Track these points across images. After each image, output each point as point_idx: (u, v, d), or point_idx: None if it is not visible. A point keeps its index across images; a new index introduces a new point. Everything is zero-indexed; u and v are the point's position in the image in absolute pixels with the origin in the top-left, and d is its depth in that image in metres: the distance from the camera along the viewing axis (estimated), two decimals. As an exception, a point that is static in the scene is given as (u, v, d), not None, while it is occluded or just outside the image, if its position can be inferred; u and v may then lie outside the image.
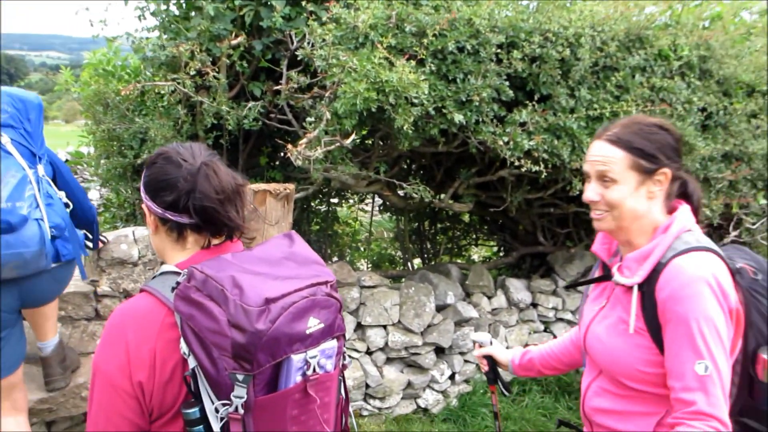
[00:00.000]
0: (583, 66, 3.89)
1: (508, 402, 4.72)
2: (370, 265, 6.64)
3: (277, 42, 4.13)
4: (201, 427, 1.34)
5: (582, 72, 3.93)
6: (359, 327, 4.48)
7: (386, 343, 4.48)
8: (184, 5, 4.34)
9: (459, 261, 6.37)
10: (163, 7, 4.24)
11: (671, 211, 1.77)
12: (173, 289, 1.40)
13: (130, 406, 1.39)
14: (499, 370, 2.41)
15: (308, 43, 3.72)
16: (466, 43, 3.69)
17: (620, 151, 1.72)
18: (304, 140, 3.45)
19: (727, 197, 4.72)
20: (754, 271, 1.77)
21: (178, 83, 3.77)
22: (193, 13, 4.19)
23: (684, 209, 1.75)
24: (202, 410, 1.34)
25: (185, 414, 1.35)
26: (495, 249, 6.97)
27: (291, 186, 3.37)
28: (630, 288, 1.71)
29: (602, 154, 1.74)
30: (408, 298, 4.56)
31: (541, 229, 5.52)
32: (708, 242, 1.68)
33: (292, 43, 3.93)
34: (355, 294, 4.43)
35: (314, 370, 1.37)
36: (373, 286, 4.61)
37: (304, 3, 3.81)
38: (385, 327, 4.51)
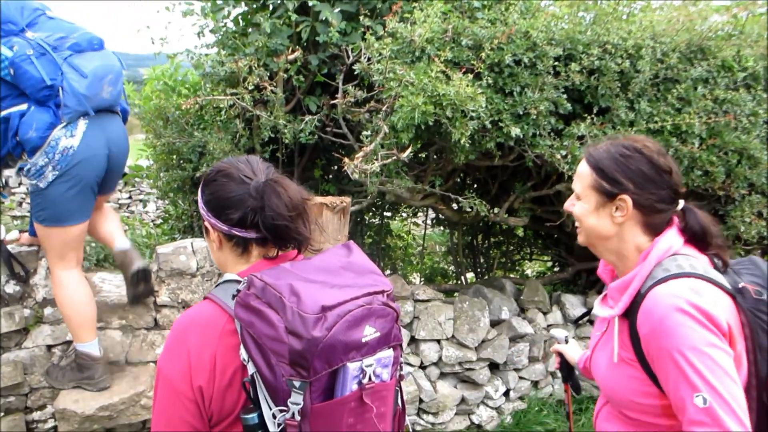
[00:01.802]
0: (643, 78, 3.81)
1: (564, 420, 4.62)
2: (422, 279, 6.62)
3: (333, 56, 4.18)
4: None
5: (642, 84, 3.85)
6: (413, 341, 4.46)
7: (440, 358, 4.44)
8: (242, 22, 4.43)
9: (512, 276, 6.29)
10: (222, 24, 4.34)
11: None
12: (233, 296, 1.42)
13: (190, 410, 1.43)
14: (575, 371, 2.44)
15: (365, 57, 3.74)
16: (523, 56, 3.66)
17: (588, 169, 1.73)
18: (361, 154, 3.46)
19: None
20: (758, 290, 1.65)
21: (237, 98, 3.84)
22: (250, 30, 4.27)
23: (668, 234, 1.67)
24: (261, 416, 1.36)
25: (244, 420, 1.37)
26: (549, 264, 6.87)
27: (347, 199, 3.39)
28: (619, 317, 1.69)
29: (578, 169, 1.78)
30: (462, 313, 4.52)
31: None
32: (694, 265, 1.60)
33: (348, 57, 3.96)
34: (409, 308, 4.42)
35: (370, 378, 1.38)
36: (427, 300, 4.58)
37: (361, 18, 3.84)
38: (438, 341, 4.48)
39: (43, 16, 2.97)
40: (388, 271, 6.18)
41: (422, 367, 4.48)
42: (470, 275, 6.53)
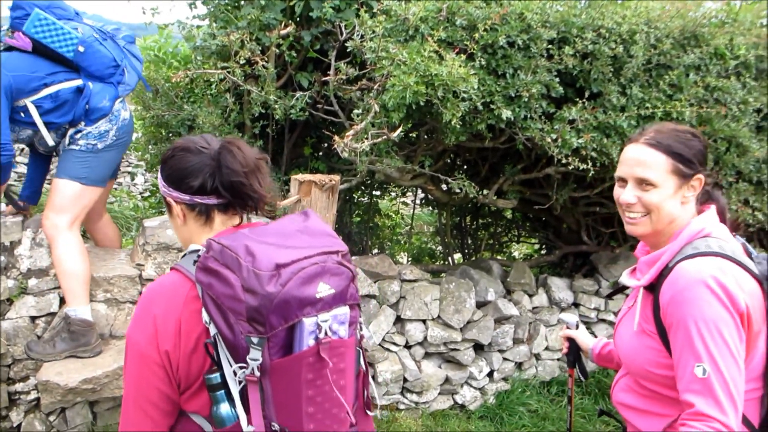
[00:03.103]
0: (635, 63, 3.80)
1: (547, 402, 4.67)
2: (410, 259, 6.63)
3: (326, 33, 4.14)
4: (222, 392, 1.42)
5: (634, 70, 3.84)
6: (399, 320, 4.48)
7: (425, 338, 4.47)
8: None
9: (500, 258, 6.32)
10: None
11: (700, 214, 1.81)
12: (195, 262, 1.49)
13: (159, 376, 1.49)
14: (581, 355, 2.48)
15: (358, 34, 3.71)
16: (517, 38, 3.64)
17: (661, 155, 1.75)
18: (351, 132, 3.44)
19: (780, 201, 4.59)
20: None
21: (228, 72, 3.80)
22: (243, 2, 4.22)
23: (705, 215, 1.78)
24: (223, 375, 1.42)
25: (207, 379, 1.43)
26: (537, 247, 6.90)
27: (336, 177, 3.37)
28: (644, 289, 1.77)
29: (642, 157, 1.77)
30: (448, 294, 4.54)
31: (586, 228, 5.43)
32: (723, 247, 1.68)
33: (342, 34, 3.92)
34: (395, 287, 4.43)
35: (326, 333, 1.43)
36: (414, 280, 4.59)
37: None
38: (424, 321, 4.50)
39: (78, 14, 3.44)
40: (375, 250, 6.18)
41: (407, 346, 4.50)
42: (458, 256, 6.56)
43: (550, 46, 3.70)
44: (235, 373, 1.40)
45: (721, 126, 4.01)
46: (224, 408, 1.43)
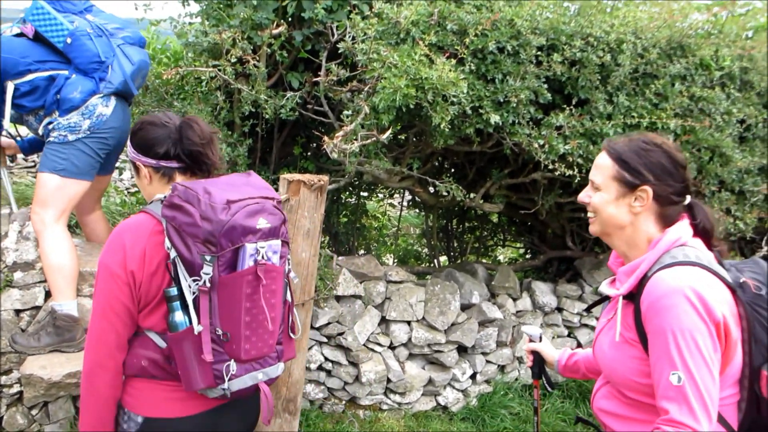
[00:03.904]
0: (623, 72, 3.85)
1: (528, 405, 4.71)
2: (395, 260, 6.66)
3: (317, 33, 4.16)
4: (178, 302, 1.80)
5: (621, 78, 3.89)
6: (383, 321, 4.50)
7: (409, 339, 4.49)
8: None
9: (485, 261, 6.36)
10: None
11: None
12: (161, 202, 1.89)
13: (124, 292, 1.85)
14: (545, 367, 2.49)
15: (349, 36, 3.73)
16: (507, 43, 3.68)
17: (609, 160, 1.82)
18: (341, 133, 3.47)
19: (761, 211, 4.65)
20: (757, 285, 1.76)
21: (219, 70, 3.81)
22: (236, 1, 4.22)
23: (679, 225, 1.79)
24: (179, 289, 1.80)
25: (166, 292, 1.81)
26: (522, 251, 6.95)
27: (325, 178, 3.39)
28: (624, 299, 1.79)
29: (598, 162, 1.86)
30: (433, 296, 4.57)
31: (570, 234, 5.49)
32: (700, 257, 1.71)
33: (333, 35, 3.94)
34: (381, 288, 4.45)
35: (263, 257, 1.82)
36: (400, 282, 4.62)
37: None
38: (409, 323, 4.53)
39: (95, 7, 3.52)
40: (362, 251, 6.20)
41: (392, 347, 4.53)
42: (443, 258, 6.59)
43: (539, 52, 3.75)
44: (190, 286, 1.77)
45: (705, 136, 4.07)
46: (178, 316, 1.80)
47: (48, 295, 3.48)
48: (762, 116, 4.54)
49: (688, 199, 1.83)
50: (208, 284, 1.75)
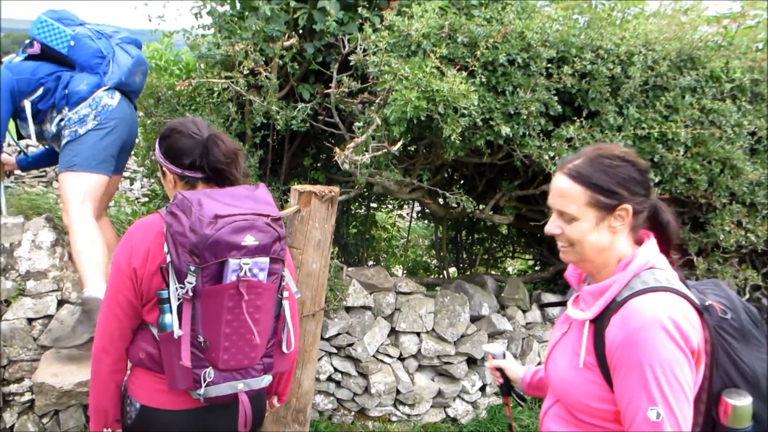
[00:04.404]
0: (633, 84, 3.86)
1: (536, 418, 4.68)
2: (405, 272, 6.65)
3: (328, 45, 4.19)
4: (167, 305, 1.89)
5: (632, 90, 3.90)
6: (393, 332, 4.50)
7: (419, 351, 4.49)
8: (239, 5, 4.42)
9: (494, 273, 6.35)
10: (220, 9, 4.33)
11: (639, 241, 1.74)
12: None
13: (128, 286, 1.98)
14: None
15: (361, 48, 3.76)
16: (517, 56, 3.70)
17: (579, 187, 1.67)
18: (352, 144, 3.48)
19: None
20: (723, 309, 1.69)
21: (231, 81, 3.84)
22: (248, 14, 4.27)
23: (648, 245, 1.71)
24: (170, 292, 1.88)
25: (158, 294, 1.91)
26: (531, 263, 6.93)
27: (336, 189, 3.40)
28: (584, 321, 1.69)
29: (563, 189, 1.70)
30: (443, 307, 4.57)
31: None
32: (670, 280, 1.63)
33: (344, 47, 3.97)
34: (390, 299, 4.46)
35: (246, 273, 1.87)
36: (409, 293, 4.63)
37: (359, 9, 3.86)
38: (418, 334, 4.53)
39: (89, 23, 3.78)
40: (371, 262, 6.21)
41: (401, 358, 4.53)
42: (452, 270, 6.58)
43: (549, 65, 3.76)
44: (177, 291, 1.86)
45: (716, 148, 4.07)
46: (167, 318, 1.89)
47: (60, 304, 3.50)
48: (773, 128, 4.53)
49: (653, 198, 1.74)
50: (190, 293, 1.85)
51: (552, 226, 1.74)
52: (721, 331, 1.66)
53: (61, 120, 3.53)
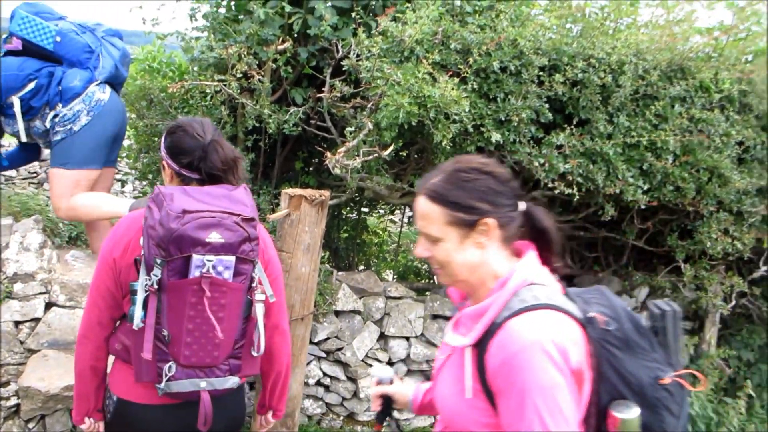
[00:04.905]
0: (623, 93, 3.89)
1: None
2: (395, 276, 6.66)
3: (322, 50, 4.20)
4: (137, 296, 1.90)
5: (622, 99, 3.93)
6: (382, 337, 4.51)
7: (408, 355, 4.50)
8: (234, 8, 4.42)
9: (483, 278, 6.35)
10: (215, 10, 4.33)
11: (519, 254, 1.67)
12: None
13: (110, 276, 2.05)
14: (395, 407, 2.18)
15: (354, 53, 3.77)
16: (510, 63, 3.72)
17: (437, 207, 1.60)
18: (343, 149, 3.49)
19: (759, 231, 4.68)
20: (606, 321, 1.60)
21: (224, 84, 3.85)
22: (242, 17, 4.27)
23: (527, 259, 1.64)
24: (138, 284, 1.91)
25: (130, 285, 1.94)
26: (520, 269, 6.94)
27: (326, 193, 3.41)
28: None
29: (424, 211, 1.64)
30: (433, 312, 4.58)
31: (569, 252, 5.50)
32: (550, 297, 1.55)
33: (338, 52, 3.98)
34: (380, 304, 4.46)
35: (209, 270, 1.88)
36: (399, 297, 4.63)
37: (353, 14, 3.87)
38: (408, 339, 4.53)
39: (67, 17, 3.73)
40: (362, 267, 6.21)
41: (390, 363, 4.53)
42: (442, 275, 6.58)
43: (541, 72, 3.79)
44: (144, 283, 1.89)
45: (704, 156, 4.11)
46: (135, 309, 1.90)
47: (47, 306, 3.49)
48: (760, 138, 4.57)
49: (522, 206, 1.65)
50: (155, 285, 1.87)
51: (420, 249, 1.68)
52: (605, 343, 1.59)
53: (55, 116, 3.52)
